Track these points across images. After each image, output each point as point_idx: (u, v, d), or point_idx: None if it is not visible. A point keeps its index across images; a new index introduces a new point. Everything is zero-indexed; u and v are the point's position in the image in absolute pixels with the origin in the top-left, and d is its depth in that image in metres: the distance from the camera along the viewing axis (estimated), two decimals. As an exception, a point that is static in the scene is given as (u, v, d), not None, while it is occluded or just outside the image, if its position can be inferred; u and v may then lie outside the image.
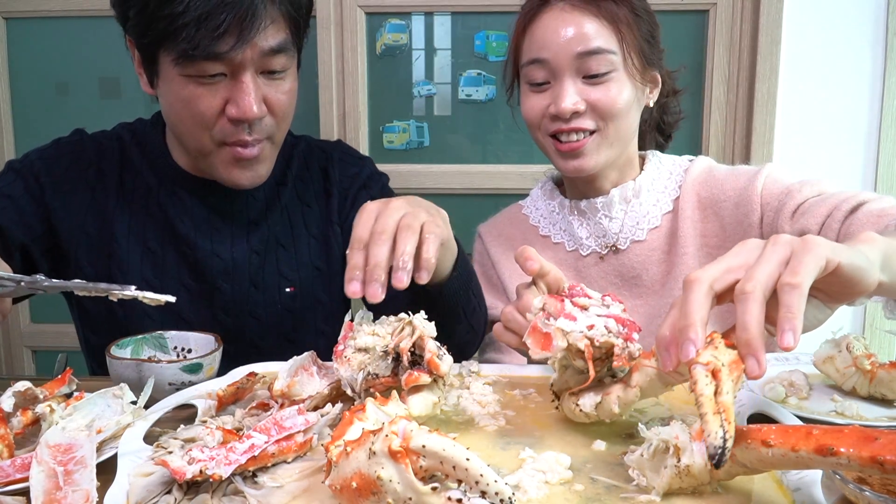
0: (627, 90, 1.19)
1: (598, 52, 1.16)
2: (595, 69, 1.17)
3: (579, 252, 1.32)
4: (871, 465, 0.54)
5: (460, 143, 2.25)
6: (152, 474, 0.68)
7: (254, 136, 1.13)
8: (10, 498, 0.67)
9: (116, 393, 0.83)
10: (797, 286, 0.63)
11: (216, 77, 1.07)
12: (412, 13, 2.18)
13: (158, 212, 1.23)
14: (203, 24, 1.01)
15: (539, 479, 0.69)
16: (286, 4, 1.09)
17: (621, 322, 0.78)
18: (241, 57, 1.06)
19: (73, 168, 1.22)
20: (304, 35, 1.16)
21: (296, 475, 0.71)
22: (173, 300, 0.88)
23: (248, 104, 1.08)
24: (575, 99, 1.17)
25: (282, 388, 0.83)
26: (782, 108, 2.08)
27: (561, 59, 1.17)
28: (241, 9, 1.02)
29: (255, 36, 1.05)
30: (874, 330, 2.16)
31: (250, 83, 1.08)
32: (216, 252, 1.22)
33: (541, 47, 1.19)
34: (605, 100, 1.17)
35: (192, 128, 1.13)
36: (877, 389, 0.90)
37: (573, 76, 1.18)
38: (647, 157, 1.33)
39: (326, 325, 1.29)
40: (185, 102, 1.10)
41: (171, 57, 1.06)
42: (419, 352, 0.81)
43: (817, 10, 2.05)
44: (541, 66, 1.19)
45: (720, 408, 0.58)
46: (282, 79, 1.13)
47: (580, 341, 0.74)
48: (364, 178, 1.33)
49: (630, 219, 1.29)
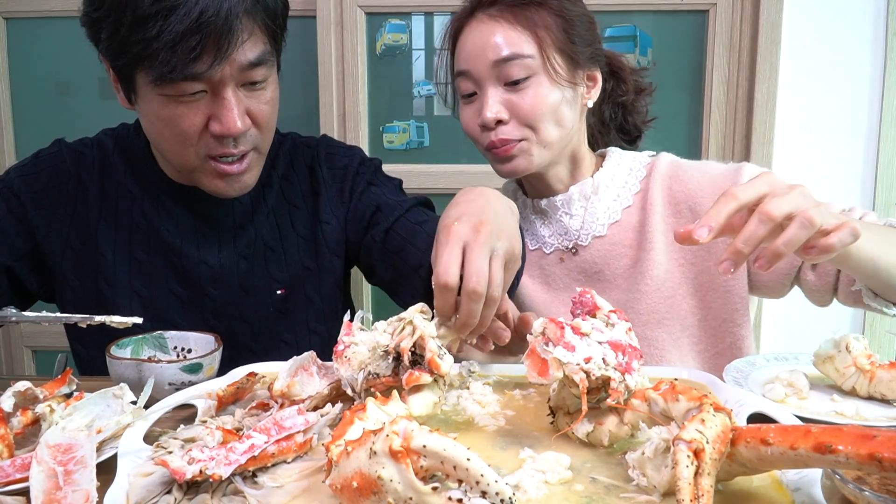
0: (552, 93, 1.19)
1: (512, 59, 1.17)
2: (515, 75, 1.17)
3: (542, 251, 1.33)
4: (870, 462, 0.54)
5: (460, 143, 2.25)
6: (152, 474, 0.68)
7: (239, 148, 1.11)
8: (10, 498, 0.67)
9: (116, 393, 0.83)
10: (809, 224, 0.76)
11: (197, 95, 1.05)
12: (412, 13, 2.18)
13: (143, 221, 1.22)
14: (178, 46, 0.99)
15: (539, 479, 0.69)
16: (262, 15, 1.07)
17: (621, 350, 0.77)
18: (221, 74, 1.04)
19: (53, 182, 1.21)
20: (282, 41, 1.14)
21: (296, 475, 0.71)
22: (139, 321, 0.93)
23: (231, 120, 1.07)
24: (496, 108, 1.18)
25: (282, 388, 0.83)
26: (782, 108, 2.08)
27: (481, 69, 1.19)
28: (216, 27, 1.00)
29: (234, 52, 1.03)
30: (874, 330, 2.16)
31: (232, 98, 1.06)
32: (203, 259, 1.22)
33: (464, 59, 1.22)
34: (526, 105, 1.18)
35: (174, 145, 1.11)
36: (876, 389, 0.90)
37: (495, 84, 1.19)
38: (606, 154, 1.34)
39: (319, 324, 1.28)
40: (166, 122, 1.08)
41: (148, 78, 1.03)
42: (420, 351, 0.81)
43: (817, 10, 2.05)
44: (466, 78, 1.22)
45: (700, 492, 0.58)
46: (263, 89, 1.11)
47: (576, 374, 0.74)
48: (356, 167, 1.31)
49: (590, 215, 1.30)
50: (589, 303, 0.85)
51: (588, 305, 0.85)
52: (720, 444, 0.61)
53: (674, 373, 0.96)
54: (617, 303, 1.25)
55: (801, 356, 1.03)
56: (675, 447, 0.60)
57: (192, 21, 0.98)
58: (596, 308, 0.84)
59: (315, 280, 1.28)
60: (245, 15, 1.03)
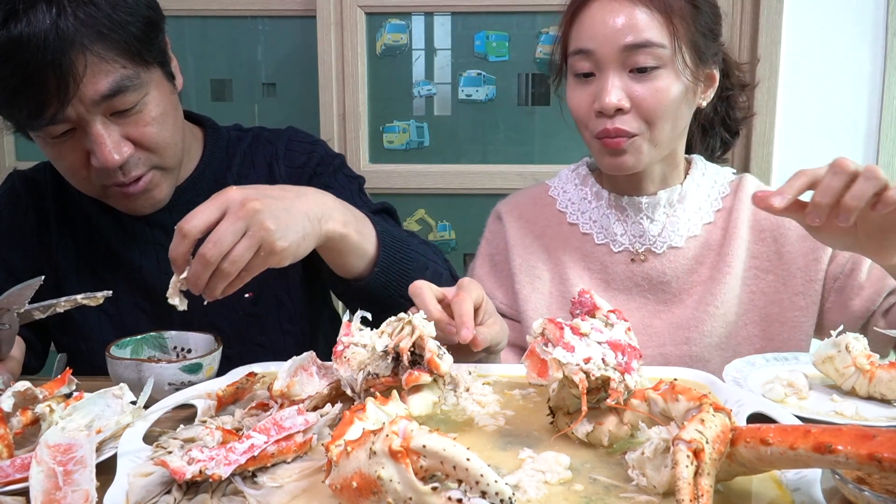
0: (675, 87, 1.12)
1: (646, 46, 1.10)
2: (642, 63, 1.10)
3: (610, 247, 1.27)
4: (869, 462, 0.54)
5: (460, 143, 2.25)
6: (152, 474, 0.68)
7: (131, 175, 1.07)
8: (10, 498, 0.67)
9: (116, 393, 0.83)
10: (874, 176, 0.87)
11: (66, 134, 1.03)
12: (412, 13, 2.18)
13: (100, 239, 1.21)
14: (16, 101, 0.97)
15: (538, 479, 0.69)
16: (106, 40, 0.99)
17: (621, 350, 0.77)
18: (76, 113, 0.99)
19: (15, 219, 1.22)
20: (153, 48, 1.06)
21: (295, 475, 0.71)
22: (110, 294, 0.94)
23: (104, 155, 1.02)
24: (619, 95, 1.11)
25: (281, 389, 0.83)
26: (782, 108, 2.07)
27: (607, 50, 1.11)
28: (45, 75, 0.95)
29: (77, 90, 0.97)
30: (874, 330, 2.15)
31: (101, 132, 1.02)
32: (165, 270, 1.19)
33: (588, 37, 1.13)
34: (651, 97, 1.11)
35: (70, 179, 1.10)
36: (876, 389, 0.90)
37: (618, 69, 1.12)
38: (692, 162, 1.29)
39: (291, 324, 1.27)
40: (53, 159, 1.08)
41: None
42: (419, 351, 0.81)
43: (817, 10, 2.04)
44: (586, 57, 1.14)
45: (700, 492, 0.58)
46: (139, 112, 1.05)
47: (575, 375, 0.74)
48: (313, 167, 1.27)
49: (671, 223, 1.25)
50: (588, 303, 0.85)
51: (587, 305, 0.85)
52: (720, 444, 0.61)
53: (674, 373, 0.96)
54: (679, 318, 1.24)
55: (801, 356, 1.03)
56: (674, 447, 0.60)
57: (23, 74, 0.95)
58: (595, 308, 0.84)
59: (282, 281, 1.25)
60: (80, 51, 0.97)
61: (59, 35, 0.96)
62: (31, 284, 0.92)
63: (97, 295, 0.93)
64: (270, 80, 2.26)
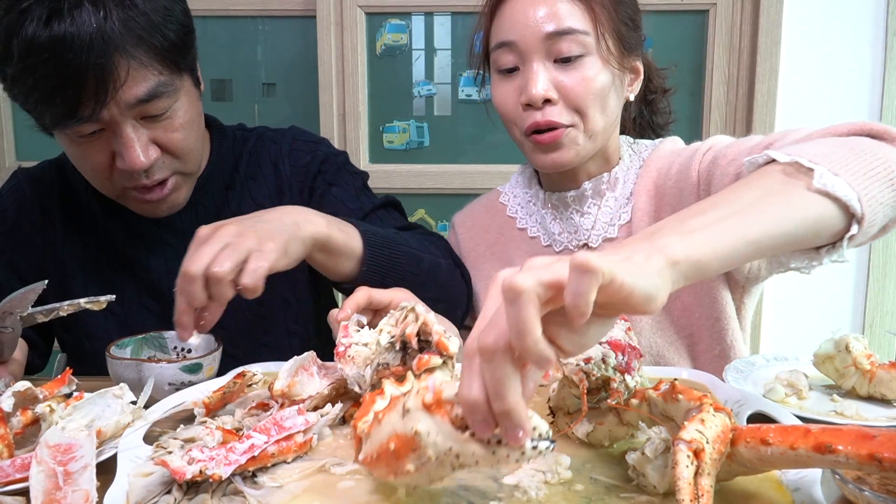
0: (603, 76, 1.10)
1: (568, 33, 1.08)
2: (567, 51, 1.08)
3: (553, 248, 1.24)
4: (869, 462, 0.54)
5: (460, 143, 2.25)
6: (152, 474, 0.68)
7: (154, 178, 1.07)
8: (10, 498, 0.67)
9: (116, 393, 0.83)
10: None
11: (95, 134, 1.02)
12: (412, 13, 2.18)
13: (107, 239, 1.21)
14: (53, 99, 0.97)
15: (539, 479, 0.69)
16: (149, 50, 1.00)
17: (621, 349, 0.77)
18: (110, 115, 0.99)
19: (20, 217, 1.21)
20: (188, 56, 1.07)
21: (296, 475, 0.71)
22: (113, 298, 0.94)
23: (132, 157, 1.02)
24: (546, 85, 1.08)
25: (282, 388, 0.83)
26: (782, 108, 2.08)
27: (529, 40, 1.09)
28: (86, 77, 0.95)
29: (115, 94, 0.98)
30: (874, 330, 2.16)
31: (131, 135, 1.02)
32: (171, 271, 1.19)
33: (509, 28, 1.11)
34: (578, 86, 1.09)
35: (91, 178, 1.10)
36: (876, 389, 0.90)
37: (543, 59, 1.09)
38: (621, 146, 1.24)
39: (297, 324, 1.27)
40: (75, 158, 1.08)
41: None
42: (425, 337, 0.80)
43: (817, 10, 2.05)
44: (509, 50, 1.11)
45: (700, 492, 0.58)
46: (168, 118, 1.05)
47: (575, 375, 0.74)
48: (317, 165, 1.27)
49: (604, 214, 1.20)
50: None
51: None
52: (720, 444, 0.61)
53: (674, 373, 0.96)
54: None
55: (801, 356, 1.03)
56: (675, 447, 0.60)
57: (63, 74, 0.95)
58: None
59: (288, 280, 1.23)
60: (122, 55, 0.97)
61: (104, 38, 0.95)
62: (34, 288, 0.92)
63: (100, 299, 0.94)
64: (270, 80, 2.26)
